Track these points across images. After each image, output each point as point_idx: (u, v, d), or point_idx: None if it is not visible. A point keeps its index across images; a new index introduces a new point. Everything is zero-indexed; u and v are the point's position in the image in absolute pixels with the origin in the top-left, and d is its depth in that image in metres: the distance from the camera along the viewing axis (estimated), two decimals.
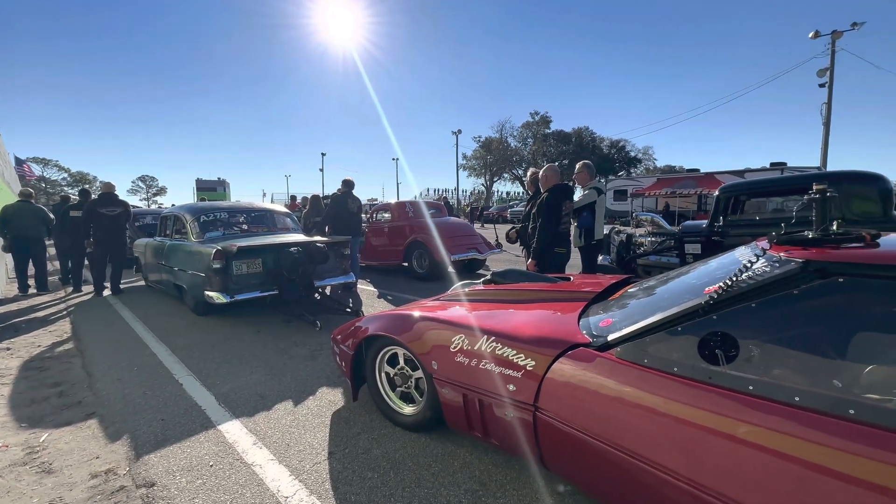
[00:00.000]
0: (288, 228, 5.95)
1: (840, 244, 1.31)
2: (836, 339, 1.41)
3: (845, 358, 1.37)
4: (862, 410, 1.01)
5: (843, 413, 1.02)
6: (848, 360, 1.35)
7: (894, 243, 1.29)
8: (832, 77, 18.00)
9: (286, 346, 3.83)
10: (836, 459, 0.98)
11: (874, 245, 1.28)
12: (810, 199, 1.48)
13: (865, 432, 0.98)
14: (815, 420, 1.04)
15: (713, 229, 5.09)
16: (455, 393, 1.96)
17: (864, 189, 4.15)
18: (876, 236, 1.34)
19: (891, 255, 1.20)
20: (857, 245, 1.29)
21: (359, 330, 2.54)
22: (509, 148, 46.77)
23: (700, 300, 1.36)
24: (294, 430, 2.39)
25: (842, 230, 1.37)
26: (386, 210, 8.19)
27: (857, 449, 0.97)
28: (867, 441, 0.96)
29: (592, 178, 4.47)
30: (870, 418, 0.99)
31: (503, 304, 2.33)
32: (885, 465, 0.93)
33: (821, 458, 1.00)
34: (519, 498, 1.80)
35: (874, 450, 0.95)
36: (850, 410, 1.02)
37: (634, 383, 1.37)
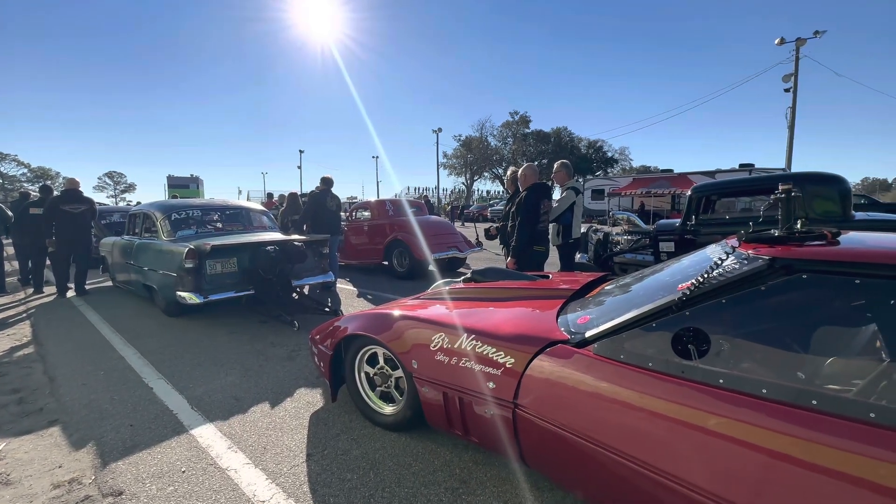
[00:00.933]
0: (264, 227, 5.82)
1: (804, 242, 1.36)
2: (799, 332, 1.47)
3: (808, 351, 1.43)
4: (823, 401, 1.05)
5: (806, 404, 1.07)
6: (811, 353, 1.41)
7: (853, 241, 1.35)
8: (796, 82, 18.81)
9: (262, 347, 3.74)
10: (801, 449, 1.02)
11: (835, 243, 1.34)
12: (776, 199, 1.54)
13: (826, 422, 1.02)
14: (781, 411, 1.08)
15: (686, 228, 5.24)
16: (435, 391, 1.95)
17: (825, 190, 4.35)
18: (836, 234, 1.40)
19: (850, 253, 1.25)
20: (819, 243, 1.34)
21: (338, 329, 2.50)
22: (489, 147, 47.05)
23: (673, 297, 1.40)
24: (271, 432, 2.34)
25: (805, 229, 1.43)
26: (366, 208, 8.11)
27: (819, 438, 1.01)
28: (828, 430, 1.01)
29: (570, 177, 4.53)
30: (830, 408, 1.04)
31: (483, 303, 2.34)
32: (844, 452, 0.97)
33: (786, 447, 1.04)
34: (499, 494, 1.81)
35: (835, 438, 0.99)
36: (812, 401, 1.06)
37: (611, 379, 1.40)
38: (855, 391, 1.14)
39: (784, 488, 1.02)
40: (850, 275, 1.17)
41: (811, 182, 4.38)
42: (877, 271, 1.15)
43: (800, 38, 18.53)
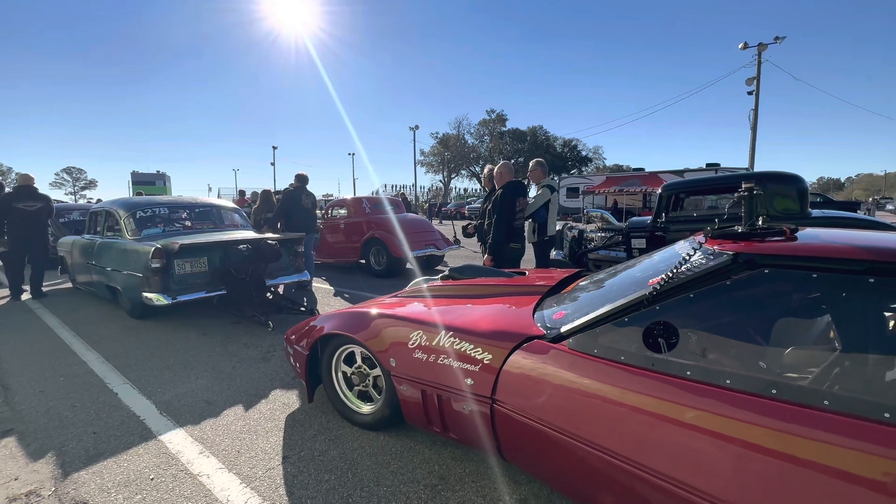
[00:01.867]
0: (236, 225, 5.65)
1: (765, 238, 1.43)
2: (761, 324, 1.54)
3: (769, 342, 1.50)
4: (782, 390, 1.11)
5: (766, 393, 1.12)
6: (771, 344, 1.48)
7: (810, 237, 1.43)
8: (758, 85, 19.67)
9: (235, 349, 3.64)
10: (762, 436, 1.07)
11: (793, 239, 1.41)
12: (740, 196, 1.61)
13: (785, 410, 1.07)
14: (743, 400, 1.13)
15: (657, 225, 5.41)
16: (413, 389, 1.95)
17: (784, 188, 4.58)
18: (795, 230, 1.48)
19: (807, 248, 1.32)
20: (779, 239, 1.41)
21: (314, 329, 2.46)
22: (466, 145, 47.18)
23: (644, 292, 1.44)
24: (245, 435, 2.28)
25: (766, 225, 1.50)
26: (342, 206, 7.99)
27: (778, 425, 1.06)
28: (786, 418, 1.06)
29: (546, 175, 4.60)
30: (788, 397, 1.09)
31: (461, 300, 2.35)
32: (802, 439, 1.02)
33: (749, 435, 1.09)
34: (478, 489, 1.83)
35: (792, 425, 1.05)
36: (772, 390, 1.11)
37: (585, 373, 1.43)
38: (810, 380, 1.21)
39: (748, 475, 1.07)
40: (807, 269, 1.24)
41: (772, 181, 4.60)
42: (831, 265, 1.21)
43: (761, 44, 19.37)
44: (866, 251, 1.19)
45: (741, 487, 1.08)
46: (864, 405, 1.00)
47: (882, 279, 1.13)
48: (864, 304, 1.20)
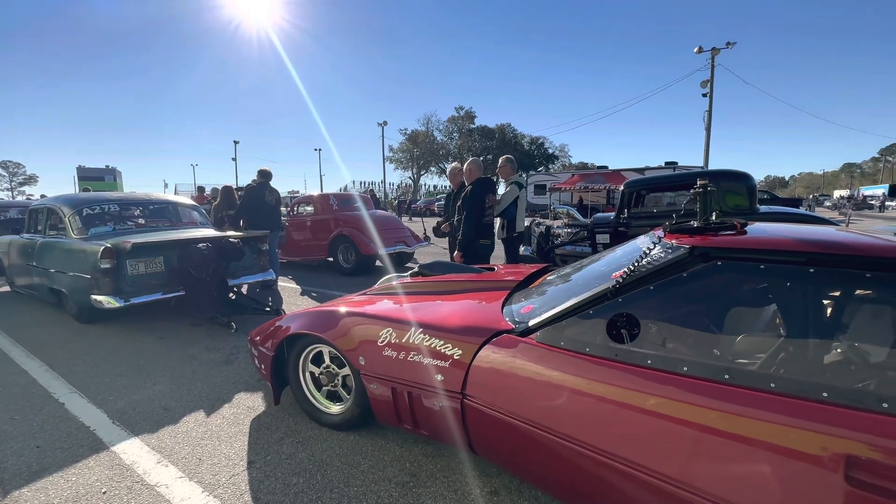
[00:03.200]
0: (195, 223, 5.40)
1: (718, 232, 1.50)
2: (715, 314, 1.63)
3: (722, 330, 1.59)
4: (733, 375, 1.18)
5: (719, 378, 1.18)
6: (724, 332, 1.56)
7: (758, 231, 1.52)
8: (712, 88, 20.72)
9: (196, 352, 3.48)
10: (716, 419, 1.13)
11: (743, 233, 1.49)
12: (695, 193, 1.69)
13: (736, 394, 1.14)
14: (699, 386, 1.19)
15: (619, 221, 5.61)
16: (384, 387, 1.93)
17: (735, 185, 4.86)
18: (744, 225, 1.56)
19: (755, 241, 1.41)
20: (730, 233, 1.49)
21: (279, 329, 2.39)
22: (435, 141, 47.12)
23: (608, 285, 1.49)
24: (207, 442, 2.19)
25: (719, 220, 1.58)
26: (308, 202, 7.79)
27: (731, 409, 1.12)
28: (738, 401, 1.13)
29: (515, 172, 4.65)
30: (739, 381, 1.16)
31: (430, 296, 2.35)
32: (752, 420, 1.09)
33: (704, 419, 1.15)
34: (449, 484, 1.84)
35: (743, 408, 1.11)
36: (725, 376, 1.18)
37: (552, 365, 1.46)
38: (759, 364, 1.29)
39: (704, 457, 1.13)
40: (756, 261, 1.32)
41: (724, 178, 4.87)
42: (776, 257, 1.30)
43: (715, 48, 20.41)
44: (807, 244, 1.28)
45: (698, 469, 1.13)
46: (805, 386, 1.08)
47: (820, 269, 1.22)
48: (804, 293, 1.29)
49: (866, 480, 0.93)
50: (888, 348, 1.14)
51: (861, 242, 1.25)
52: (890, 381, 1.06)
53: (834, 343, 1.29)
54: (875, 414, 0.97)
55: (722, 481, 1.10)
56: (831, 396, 1.03)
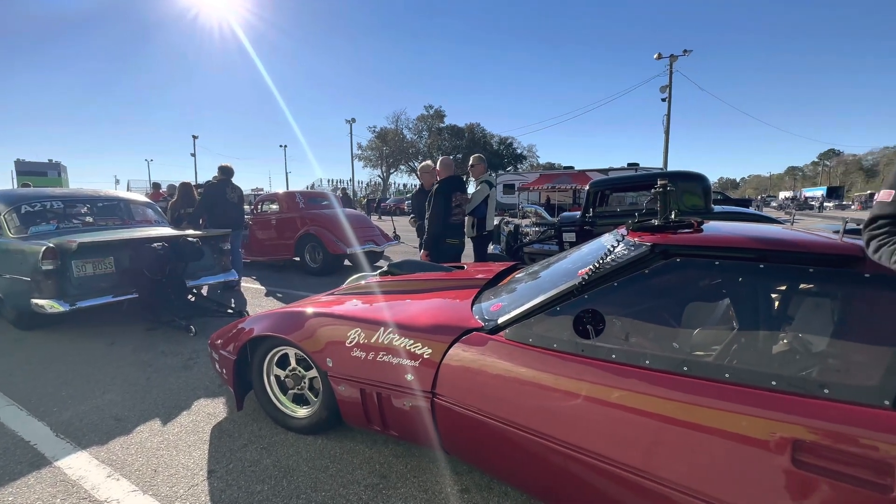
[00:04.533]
0: (149, 221, 5.10)
1: (677, 230, 1.57)
2: (675, 308, 1.70)
3: (681, 324, 1.66)
4: (691, 367, 1.23)
5: (678, 370, 1.23)
6: (683, 325, 1.63)
7: (713, 229, 1.59)
8: (671, 93, 21.68)
9: (151, 358, 3.29)
10: (676, 410, 1.18)
11: (700, 231, 1.56)
12: (655, 193, 1.75)
13: (694, 384, 1.19)
14: (660, 378, 1.24)
15: (585, 220, 5.77)
16: (352, 389, 1.89)
17: (692, 186, 5.10)
18: (700, 224, 1.64)
19: (711, 239, 1.48)
20: (688, 231, 1.56)
21: (242, 332, 2.30)
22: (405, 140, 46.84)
23: (574, 282, 1.52)
24: (163, 452, 2.07)
25: (678, 219, 1.65)
26: (273, 200, 7.55)
27: (689, 399, 1.17)
28: (695, 391, 1.18)
29: (486, 170, 4.69)
30: (696, 372, 1.21)
31: (400, 295, 2.32)
32: (708, 409, 1.14)
33: (665, 410, 1.19)
34: (420, 484, 1.82)
35: (700, 398, 1.16)
36: (683, 368, 1.23)
37: (521, 362, 1.48)
38: (714, 356, 1.35)
39: (665, 446, 1.18)
40: (711, 257, 1.38)
41: (681, 179, 5.10)
42: (729, 254, 1.37)
43: (673, 55, 21.36)
44: (757, 241, 1.36)
45: (659, 458, 1.18)
46: (755, 376, 1.14)
47: (769, 265, 1.30)
48: (755, 288, 1.36)
49: (811, 462, 1.00)
50: (828, 338, 1.23)
51: (804, 240, 1.34)
52: (830, 369, 1.14)
53: (781, 334, 1.38)
54: (818, 400, 1.04)
55: (682, 469, 1.14)
56: (779, 384, 1.10)
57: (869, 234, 1.09)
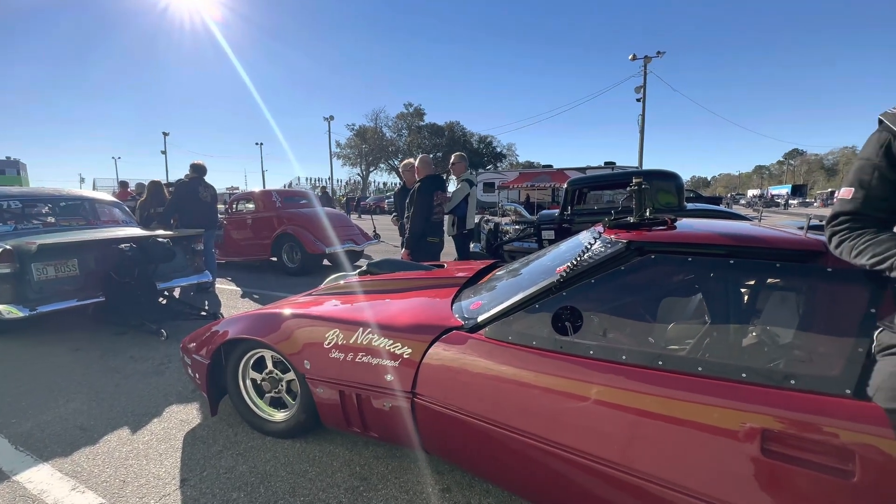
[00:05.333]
0: (116, 221, 4.90)
1: (651, 227, 1.60)
2: (650, 304, 1.73)
3: (656, 319, 1.69)
4: (666, 361, 1.25)
5: (654, 365, 1.26)
6: (658, 321, 1.67)
7: (687, 226, 1.63)
8: (645, 93, 22.21)
9: (119, 364, 3.16)
10: (652, 404, 1.20)
11: (673, 228, 1.60)
12: (631, 191, 1.78)
13: (668, 378, 1.21)
14: (636, 373, 1.26)
15: (563, 217, 5.85)
16: (331, 391, 1.86)
17: (666, 184, 5.24)
18: (674, 221, 1.68)
19: (683, 236, 1.51)
20: (662, 228, 1.59)
21: (216, 335, 2.23)
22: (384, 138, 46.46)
23: (552, 279, 1.53)
24: (132, 462, 1.99)
25: (652, 216, 1.69)
26: (249, 199, 7.36)
27: (665, 392, 1.20)
28: (669, 385, 1.20)
29: (467, 169, 4.68)
30: (671, 366, 1.24)
31: (379, 295, 2.30)
32: (682, 402, 1.17)
33: (642, 404, 1.21)
34: (401, 485, 1.81)
35: (675, 391, 1.19)
36: (658, 362, 1.25)
37: (500, 360, 1.48)
38: (687, 350, 1.39)
39: (641, 440, 1.20)
40: (684, 254, 1.41)
41: (656, 177, 5.23)
42: (701, 250, 1.40)
43: (647, 56, 21.88)
44: (726, 238, 1.40)
45: (637, 452, 1.20)
46: (726, 368, 1.17)
47: (738, 261, 1.34)
48: (725, 282, 1.40)
49: (779, 451, 1.03)
50: (794, 330, 1.27)
51: (771, 236, 1.39)
52: (796, 360, 1.18)
53: (750, 327, 1.42)
54: (785, 390, 1.08)
55: (658, 462, 1.17)
56: (749, 376, 1.13)
57: (831, 230, 1.14)
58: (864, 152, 1.08)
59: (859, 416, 0.97)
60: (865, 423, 0.95)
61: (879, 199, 1.04)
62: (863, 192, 1.06)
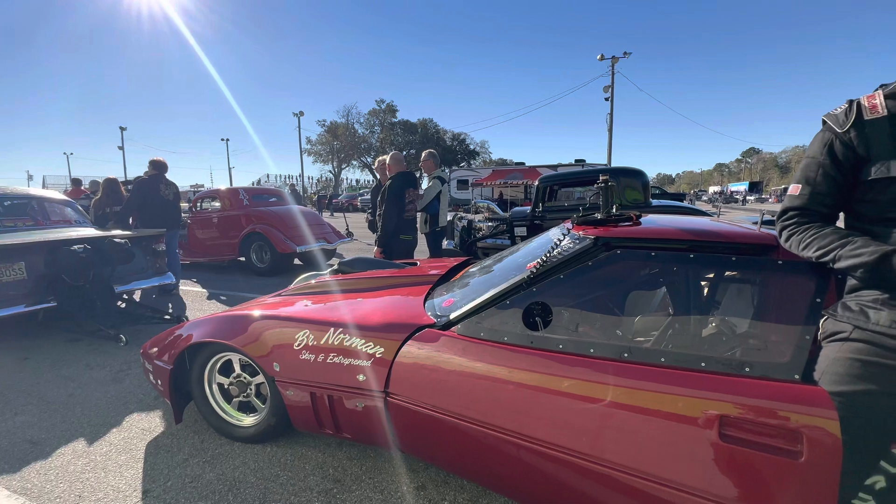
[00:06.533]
0: (68, 221, 4.62)
1: (618, 223, 1.64)
2: (617, 298, 1.78)
3: (623, 313, 1.74)
4: (631, 353, 1.29)
5: (620, 357, 1.29)
6: (625, 314, 1.72)
7: (651, 222, 1.69)
8: (613, 93, 22.80)
9: (74, 373, 2.99)
10: (620, 395, 1.24)
11: (638, 224, 1.65)
12: (599, 188, 1.83)
13: (633, 370, 1.25)
14: (604, 366, 1.29)
15: (535, 214, 5.94)
16: (302, 392, 1.82)
17: (632, 181, 5.40)
18: (639, 217, 1.73)
19: (647, 231, 1.56)
20: (628, 224, 1.64)
21: (179, 339, 2.14)
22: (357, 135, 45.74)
23: (523, 275, 1.55)
24: (89, 475, 1.89)
25: (619, 212, 1.73)
26: (215, 197, 7.09)
27: (631, 384, 1.23)
28: (634, 376, 1.24)
29: (437, 166, 4.67)
30: (636, 358, 1.28)
31: (350, 294, 2.26)
32: (647, 392, 1.21)
33: (610, 396, 1.25)
34: (375, 485, 1.79)
35: (640, 382, 1.23)
36: (624, 354, 1.29)
37: (473, 356, 1.49)
38: (651, 342, 1.44)
39: (613, 431, 1.23)
40: (648, 248, 1.46)
41: (623, 175, 5.39)
42: (664, 245, 1.45)
43: (614, 56, 22.46)
44: (687, 232, 1.45)
45: (607, 442, 1.23)
46: (687, 358, 1.22)
47: (698, 255, 1.39)
48: (686, 276, 1.46)
49: (735, 435, 1.08)
50: (749, 320, 1.34)
51: (727, 231, 1.45)
52: (751, 348, 1.24)
53: (709, 318, 1.49)
54: (740, 378, 1.13)
55: (626, 451, 1.20)
56: (708, 365, 1.18)
57: (781, 224, 1.20)
58: (810, 151, 1.15)
59: (807, 400, 1.03)
60: (812, 406, 1.01)
61: (824, 194, 1.11)
62: (809, 189, 1.13)
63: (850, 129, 1.03)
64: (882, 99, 1.01)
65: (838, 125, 1.06)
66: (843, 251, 1.01)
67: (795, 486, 1.02)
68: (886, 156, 0.98)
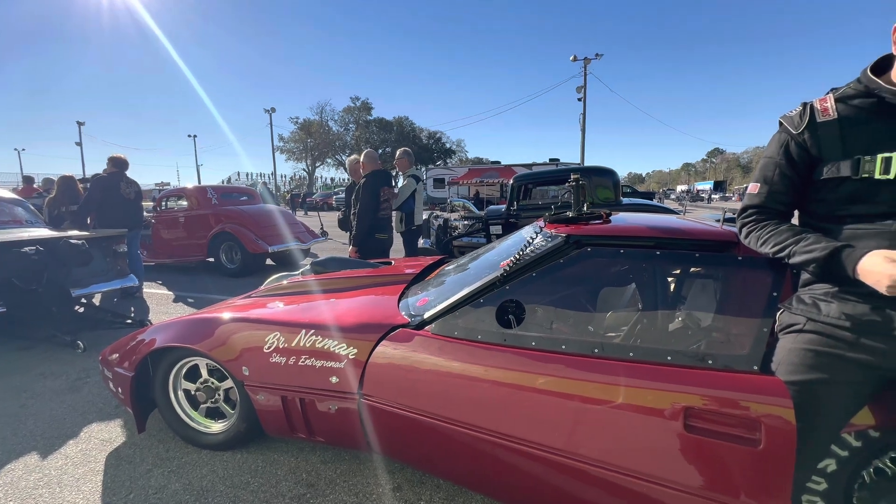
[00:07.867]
0: (19, 221, 4.35)
1: (589, 221, 1.68)
2: (588, 295, 1.82)
3: (595, 309, 1.78)
4: (602, 348, 1.32)
5: (592, 353, 1.31)
6: (596, 310, 1.75)
7: (620, 220, 1.73)
8: (585, 93, 23.30)
9: (25, 382, 2.81)
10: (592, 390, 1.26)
11: (608, 222, 1.68)
12: (570, 186, 1.86)
13: (604, 365, 1.28)
14: (576, 362, 1.31)
15: (510, 213, 6.00)
16: (272, 396, 1.77)
17: (604, 180, 5.54)
18: (609, 215, 1.77)
19: (616, 229, 1.60)
20: (598, 222, 1.67)
21: (141, 344, 2.04)
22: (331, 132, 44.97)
23: (496, 274, 1.56)
24: (42, 490, 1.78)
25: (590, 211, 1.77)
26: (181, 196, 6.82)
27: (602, 379, 1.26)
28: (605, 371, 1.26)
29: (412, 164, 4.64)
30: (606, 353, 1.30)
31: (323, 294, 2.22)
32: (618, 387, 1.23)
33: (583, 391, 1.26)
34: (349, 488, 1.77)
35: (611, 377, 1.25)
36: (595, 350, 1.32)
37: (447, 355, 1.48)
38: (621, 337, 1.47)
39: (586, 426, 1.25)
40: (617, 246, 1.50)
41: (594, 174, 5.52)
42: (632, 242, 1.49)
43: (587, 58, 22.94)
44: (653, 230, 1.50)
45: (580, 438, 1.25)
46: (654, 353, 1.25)
47: (665, 251, 1.43)
48: (653, 272, 1.50)
49: (699, 426, 1.12)
50: (711, 314, 1.39)
51: (691, 228, 1.50)
52: (713, 342, 1.29)
53: (675, 313, 1.54)
54: (703, 370, 1.17)
55: (599, 446, 1.23)
56: (674, 359, 1.22)
57: (741, 221, 1.25)
58: (767, 151, 1.20)
59: (764, 390, 1.07)
60: (769, 395, 1.06)
61: (781, 193, 1.16)
62: (767, 188, 1.18)
63: (805, 130, 1.08)
64: (833, 102, 1.06)
65: (793, 127, 1.11)
66: (797, 247, 1.06)
67: (755, 472, 1.06)
68: (836, 157, 1.03)
